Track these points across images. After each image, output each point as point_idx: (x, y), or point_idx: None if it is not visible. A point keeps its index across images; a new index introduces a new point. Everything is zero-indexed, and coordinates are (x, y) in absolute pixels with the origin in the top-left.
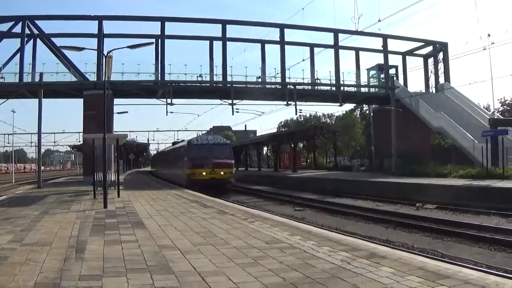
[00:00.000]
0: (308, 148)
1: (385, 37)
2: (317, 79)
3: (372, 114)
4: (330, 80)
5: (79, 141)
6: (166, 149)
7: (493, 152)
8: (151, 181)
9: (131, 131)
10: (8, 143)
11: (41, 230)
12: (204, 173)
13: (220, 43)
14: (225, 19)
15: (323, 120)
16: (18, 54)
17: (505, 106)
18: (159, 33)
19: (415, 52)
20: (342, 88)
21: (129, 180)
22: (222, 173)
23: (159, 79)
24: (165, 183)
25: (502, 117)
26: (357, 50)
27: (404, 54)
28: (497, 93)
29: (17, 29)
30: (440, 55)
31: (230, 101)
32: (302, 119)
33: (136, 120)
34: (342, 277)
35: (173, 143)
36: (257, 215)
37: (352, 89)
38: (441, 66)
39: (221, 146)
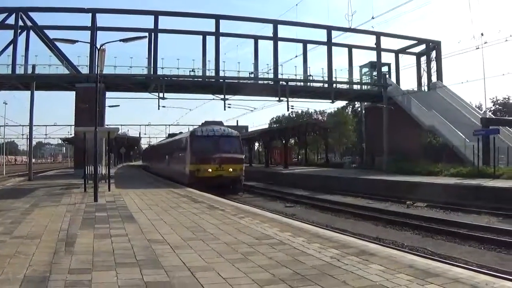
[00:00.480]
0: (300, 144)
1: (378, 35)
2: (310, 75)
3: (364, 112)
4: (322, 76)
5: (71, 134)
6: (162, 141)
7: (484, 151)
8: (143, 176)
9: (123, 125)
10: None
11: (31, 222)
12: (210, 170)
13: (213, 38)
14: (218, 14)
15: (315, 116)
16: (11, 46)
17: (497, 106)
18: (153, 27)
19: (408, 50)
20: (334, 85)
21: (120, 174)
22: (231, 169)
23: (152, 73)
24: (158, 179)
25: (494, 117)
26: (350, 47)
27: (397, 52)
28: (489, 92)
29: (11, 20)
30: (433, 54)
31: (222, 96)
32: (294, 116)
33: (127, 113)
34: (332, 274)
35: (170, 135)
36: (247, 210)
37: (345, 86)
38: (433, 64)
39: (230, 139)
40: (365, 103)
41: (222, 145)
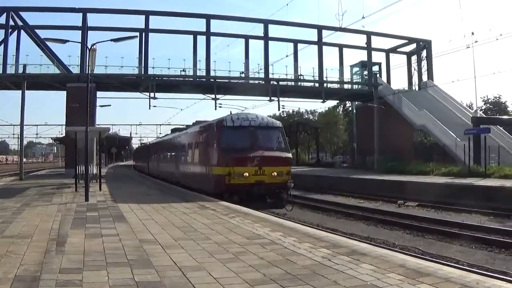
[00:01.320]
0: (290, 144)
1: (368, 34)
2: (301, 75)
3: (355, 111)
4: (313, 76)
5: (62, 134)
6: (166, 137)
7: (475, 151)
8: (134, 175)
9: (114, 125)
10: None
11: (22, 222)
12: (246, 174)
13: (204, 37)
14: (209, 14)
15: (306, 116)
16: (2, 46)
17: (488, 105)
18: (143, 27)
19: (398, 50)
20: (325, 84)
21: (112, 174)
22: (275, 173)
23: (143, 73)
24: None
25: (484, 116)
26: (340, 46)
27: (387, 51)
28: (480, 91)
29: (1, 20)
30: (424, 53)
31: (213, 96)
32: (285, 115)
33: (118, 113)
34: (323, 273)
35: (174, 130)
36: (238, 210)
37: (335, 85)
38: (424, 63)
39: (272, 131)
40: (356, 103)
41: (262, 140)
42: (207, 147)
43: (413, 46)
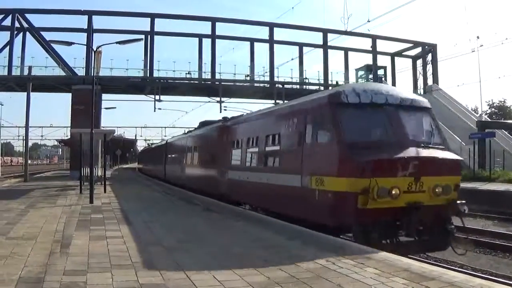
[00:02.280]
0: None
1: (374, 38)
2: (306, 78)
3: None
4: (318, 79)
5: (67, 136)
6: (200, 131)
7: (480, 155)
8: (139, 178)
9: (119, 127)
10: None
11: (26, 224)
12: (396, 191)
13: (209, 40)
14: (215, 17)
15: None
16: (8, 47)
17: (493, 109)
18: (149, 29)
19: (404, 53)
20: (330, 88)
21: (116, 176)
22: (439, 189)
23: (148, 75)
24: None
25: (489, 120)
26: (346, 50)
27: (393, 55)
28: (485, 95)
29: (7, 22)
30: (429, 57)
31: (218, 99)
32: None
33: (123, 115)
34: (327, 277)
35: (203, 124)
36: (242, 213)
37: None
38: (429, 67)
39: (421, 115)
40: None
41: (409, 129)
42: (308, 141)
43: (418, 49)
